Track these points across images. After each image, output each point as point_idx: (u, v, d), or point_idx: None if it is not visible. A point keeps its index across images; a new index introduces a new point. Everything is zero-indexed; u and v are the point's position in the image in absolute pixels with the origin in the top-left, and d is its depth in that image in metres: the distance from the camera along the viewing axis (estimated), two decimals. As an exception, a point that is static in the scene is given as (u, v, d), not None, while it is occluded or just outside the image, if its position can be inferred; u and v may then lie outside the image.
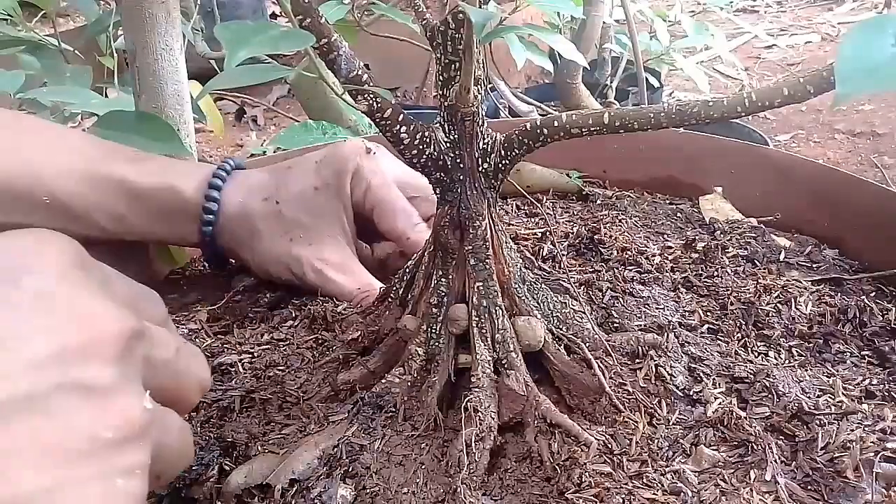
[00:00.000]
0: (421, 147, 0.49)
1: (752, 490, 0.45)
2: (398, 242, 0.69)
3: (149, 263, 0.76)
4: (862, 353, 0.59)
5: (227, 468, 0.50)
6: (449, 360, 0.52)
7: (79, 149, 0.65)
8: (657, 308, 0.62)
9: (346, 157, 0.68)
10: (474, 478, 0.46)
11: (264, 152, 1.67)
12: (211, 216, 0.67)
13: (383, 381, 0.52)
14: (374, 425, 0.50)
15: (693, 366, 0.55)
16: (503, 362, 0.51)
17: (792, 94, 0.41)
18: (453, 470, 0.46)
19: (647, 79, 1.39)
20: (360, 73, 0.45)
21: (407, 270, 0.57)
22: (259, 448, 0.51)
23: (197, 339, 0.64)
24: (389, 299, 0.58)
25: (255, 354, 0.61)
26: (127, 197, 0.65)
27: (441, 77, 0.48)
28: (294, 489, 0.46)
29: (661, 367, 0.53)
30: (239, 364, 0.60)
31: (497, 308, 0.52)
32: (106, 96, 1.02)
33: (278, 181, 0.68)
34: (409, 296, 0.56)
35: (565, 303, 0.57)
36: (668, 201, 0.85)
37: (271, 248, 0.67)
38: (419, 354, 0.52)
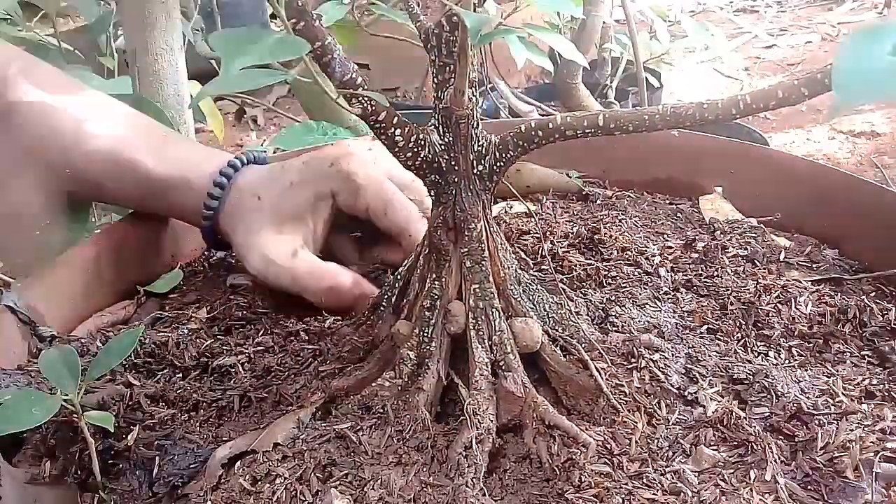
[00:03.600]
0: (415, 150, 0.49)
1: (752, 490, 0.45)
2: (400, 238, 0.69)
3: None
4: (862, 353, 0.59)
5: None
6: (439, 363, 0.52)
7: (107, 132, 0.71)
8: (656, 308, 0.62)
9: (327, 157, 0.70)
10: (475, 481, 0.46)
11: (264, 152, 1.66)
12: (210, 212, 0.70)
13: (373, 384, 0.52)
14: (363, 426, 0.49)
15: (690, 366, 0.55)
16: (501, 364, 0.51)
17: (786, 96, 0.41)
18: (453, 473, 0.46)
19: (647, 79, 1.38)
20: (354, 76, 0.45)
21: (399, 277, 0.57)
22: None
23: (197, 340, 0.63)
24: (381, 308, 0.58)
25: (254, 357, 0.61)
26: (144, 184, 0.71)
27: (436, 79, 0.48)
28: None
29: (657, 367, 0.53)
30: (239, 365, 0.60)
31: (494, 310, 0.52)
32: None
33: (271, 179, 0.71)
34: (404, 301, 0.56)
35: (561, 304, 0.57)
36: (668, 201, 0.85)
37: (243, 241, 0.69)
38: (411, 359, 0.52)
